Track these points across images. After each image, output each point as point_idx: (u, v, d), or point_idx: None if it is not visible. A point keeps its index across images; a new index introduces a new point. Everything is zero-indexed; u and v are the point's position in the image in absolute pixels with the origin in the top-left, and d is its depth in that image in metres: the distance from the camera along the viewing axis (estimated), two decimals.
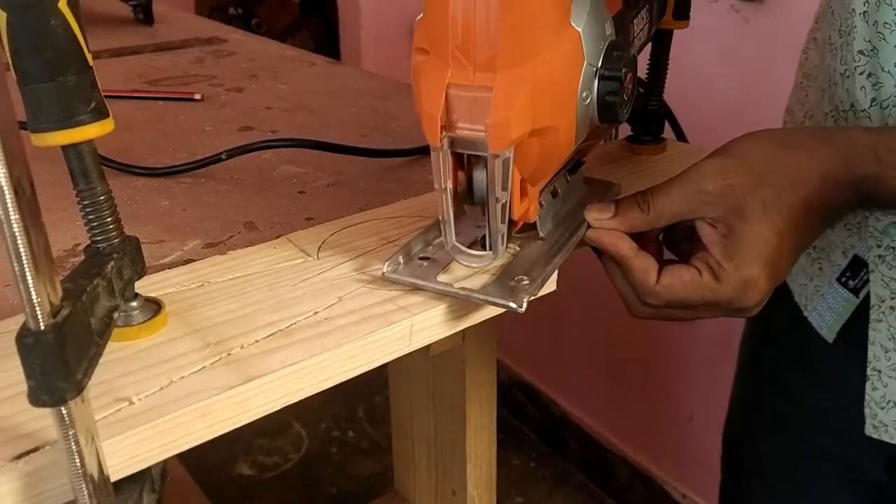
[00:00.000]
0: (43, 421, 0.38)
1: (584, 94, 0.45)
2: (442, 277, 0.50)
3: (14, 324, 0.46)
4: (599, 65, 0.46)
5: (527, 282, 0.49)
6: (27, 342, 0.32)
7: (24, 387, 0.40)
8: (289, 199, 0.63)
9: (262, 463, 1.70)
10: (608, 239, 0.52)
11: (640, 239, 0.52)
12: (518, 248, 0.53)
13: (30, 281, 0.31)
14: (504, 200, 0.45)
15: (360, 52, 1.89)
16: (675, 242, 0.56)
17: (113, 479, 0.38)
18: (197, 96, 0.86)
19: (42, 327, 0.32)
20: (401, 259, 0.51)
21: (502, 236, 0.47)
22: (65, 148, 0.41)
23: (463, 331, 0.49)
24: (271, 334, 0.45)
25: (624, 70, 0.46)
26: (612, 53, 0.46)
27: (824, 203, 0.50)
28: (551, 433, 1.80)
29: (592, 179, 0.60)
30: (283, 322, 0.46)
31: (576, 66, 0.45)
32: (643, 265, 0.51)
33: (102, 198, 0.43)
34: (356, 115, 0.83)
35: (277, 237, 0.56)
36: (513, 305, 0.46)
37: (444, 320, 0.48)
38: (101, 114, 0.41)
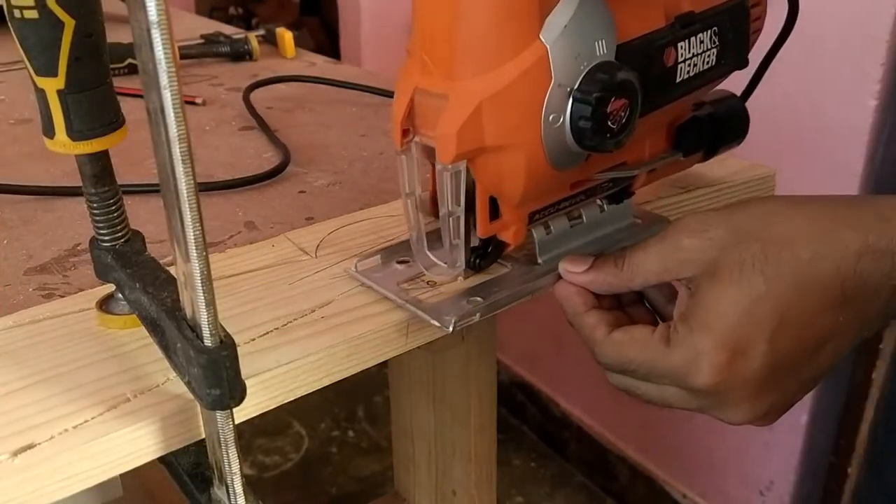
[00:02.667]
0: (40, 417, 0.38)
1: (553, 116, 0.42)
2: (408, 284, 0.49)
3: (13, 322, 0.46)
4: (576, 86, 0.42)
5: (479, 303, 0.47)
6: (222, 354, 0.35)
7: (21, 383, 0.40)
8: (289, 199, 0.63)
9: (262, 462, 1.70)
10: (561, 290, 0.47)
11: (623, 303, 0.48)
12: (508, 268, 0.50)
13: (209, 301, 0.34)
14: (458, 215, 0.44)
15: (360, 52, 1.89)
16: (660, 309, 0.49)
17: (106, 477, 0.38)
18: (199, 100, 0.86)
19: (221, 341, 0.35)
20: (380, 259, 0.51)
21: (461, 250, 0.46)
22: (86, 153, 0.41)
23: (463, 330, 0.49)
24: (268, 332, 0.45)
25: (599, 94, 0.41)
26: (595, 75, 0.42)
27: (854, 278, 0.40)
28: (551, 433, 1.80)
29: (643, 211, 0.56)
30: (280, 320, 0.46)
31: (540, 84, 0.41)
32: (592, 320, 0.45)
33: (112, 200, 0.43)
34: (356, 114, 0.83)
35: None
36: (436, 324, 0.45)
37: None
38: (123, 118, 0.41)
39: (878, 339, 1.13)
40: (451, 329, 0.45)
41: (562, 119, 0.42)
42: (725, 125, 0.57)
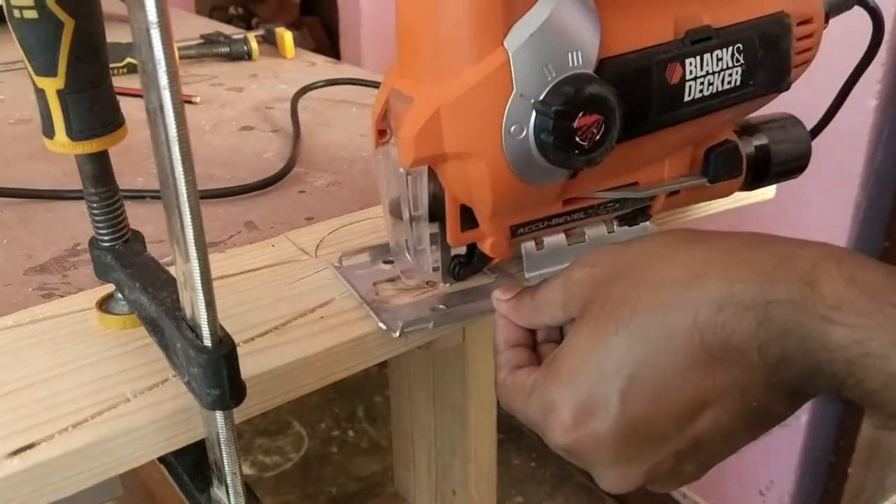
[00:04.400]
0: (40, 417, 0.38)
1: (515, 127, 0.40)
2: (390, 285, 0.49)
3: (13, 321, 0.46)
4: (540, 97, 0.39)
5: (440, 311, 0.46)
6: (222, 354, 0.35)
7: (18, 384, 0.41)
8: (289, 199, 0.63)
9: (262, 462, 1.70)
10: (495, 322, 0.43)
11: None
12: (492, 280, 0.49)
13: (209, 301, 0.34)
14: (420, 220, 0.44)
15: (360, 52, 1.89)
16: None
17: (106, 477, 0.38)
18: (196, 99, 0.86)
19: (221, 341, 0.35)
20: (368, 257, 0.51)
21: (426, 257, 0.45)
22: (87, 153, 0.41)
23: (463, 330, 0.49)
24: (268, 332, 0.45)
25: (560, 108, 0.39)
26: (562, 88, 0.39)
27: (715, 333, 0.33)
28: None
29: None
30: (280, 320, 0.46)
31: (500, 93, 0.39)
32: (502, 360, 0.41)
33: (112, 200, 0.43)
34: (356, 114, 0.83)
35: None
36: (382, 327, 0.45)
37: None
38: (122, 118, 0.41)
39: None
40: (397, 334, 0.44)
41: (525, 131, 0.40)
42: (777, 154, 0.53)
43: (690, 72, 0.44)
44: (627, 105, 0.41)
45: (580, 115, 0.39)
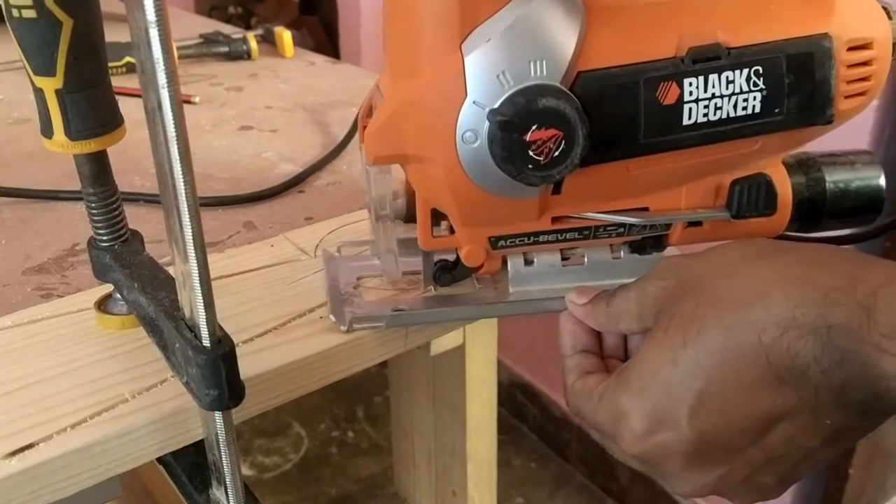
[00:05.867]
0: (39, 417, 0.38)
1: (469, 134, 0.38)
2: (376, 281, 0.49)
3: (12, 322, 0.46)
4: (495, 106, 0.38)
5: (399, 314, 0.46)
6: (220, 355, 0.35)
7: (17, 384, 0.40)
8: (288, 199, 0.63)
9: (262, 463, 1.70)
10: (560, 323, 0.43)
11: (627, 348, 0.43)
12: (475, 287, 0.48)
13: (208, 301, 0.34)
14: (386, 220, 0.43)
15: (360, 52, 1.89)
16: None
17: (105, 477, 0.38)
18: (195, 99, 0.86)
19: (220, 341, 0.35)
20: (369, 251, 0.51)
21: (393, 257, 0.45)
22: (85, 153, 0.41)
23: (464, 330, 0.49)
24: (267, 332, 0.45)
25: (507, 119, 0.37)
26: (515, 98, 0.37)
27: (782, 354, 0.33)
28: (552, 434, 1.79)
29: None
30: (279, 320, 0.46)
31: (453, 99, 0.38)
32: (571, 364, 0.42)
33: (111, 200, 0.43)
34: (356, 114, 0.83)
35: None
36: (333, 319, 0.45)
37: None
38: (121, 117, 0.41)
39: None
40: (344, 328, 0.44)
41: (479, 139, 0.38)
42: (835, 194, 0.48)
43: (690, 93, 0.40)
44: (608, 123, 0.39)
45: (533, 128, 0.37)
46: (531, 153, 0.38)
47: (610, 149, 0.40)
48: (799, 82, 0.41)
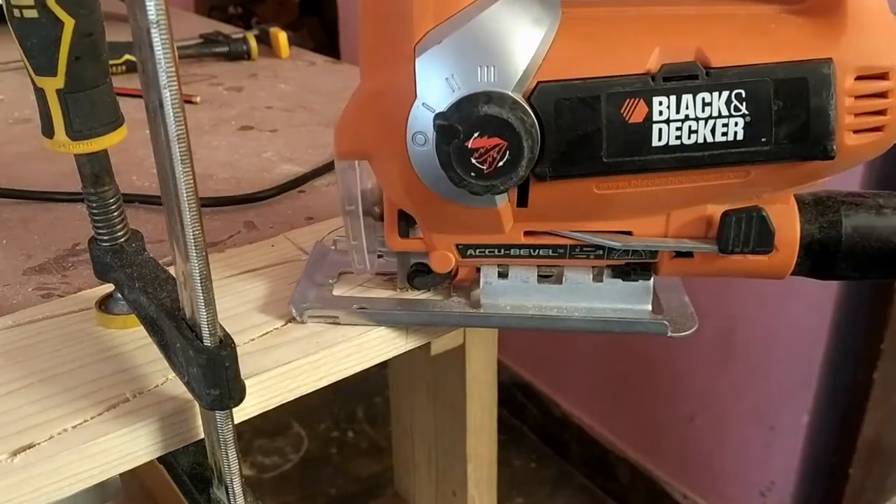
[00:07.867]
0: (39, 417, 0.38)
1: (419, 136, 0.38)
2: (360, 278, 0.49)
3: (12, 322, 0.46)
4: (444, 109, 0.37)
5: (359, 311, 0.46)
6: (221, 354, 0.35)
7: (20, 383, 0.40)
8: (289, 199, 0.63)
9: (262, 463, 1.70)
10: None
11: None
12: (441, 298, 0.47)
13: (208, 301, 0.34)
14: (353, 215, 0.43)
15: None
16: None
17: (105, 477, 0.38)
18: (196, 99, 0.86)
19: (221, 341, 0.35)
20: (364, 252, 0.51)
21: (362, 253, 0.45)
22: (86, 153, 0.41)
23: (464, 332, 0.49)
24: (267, 332, 0.45)
25: (444, 123, 0.36)
26: (461, 104, 0.36)
27: None
28: (552, 434, 1.79)
29: (680, 302, 0.47)
30: (280, 320, 0.46)
31: (403, 100, 0.38)
32: None
33: (111, 200, 0.43)
34: None
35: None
36: (293, 311, 0.45)
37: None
38: (122, 117, 0.41)
39: (879, 338, 1.13)
40: (301, 318, 0.45)
41: (427, 142, 0.38)
42: (851, 240, 0.43)
43: (661, 112, 0.38)
44: (566, 137, 0.38)
45: (475, 135, 0.36)
46: (474, 161, 0.37)
47: (570, 165, 0.38)
48: (789, 110, 0.38)
